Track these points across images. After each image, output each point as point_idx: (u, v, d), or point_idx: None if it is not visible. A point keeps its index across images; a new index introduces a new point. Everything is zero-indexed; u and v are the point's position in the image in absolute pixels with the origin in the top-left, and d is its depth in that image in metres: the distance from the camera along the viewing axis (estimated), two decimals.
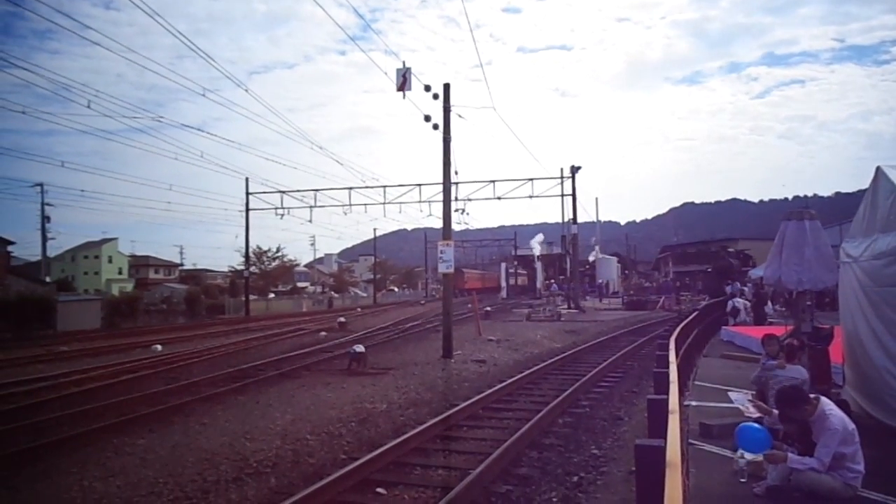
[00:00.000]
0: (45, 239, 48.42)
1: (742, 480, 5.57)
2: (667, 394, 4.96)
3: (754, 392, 7.56)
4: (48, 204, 47.32)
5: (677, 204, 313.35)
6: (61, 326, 32.91)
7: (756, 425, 5.75)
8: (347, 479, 6.98)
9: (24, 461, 8.31)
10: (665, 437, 3.58)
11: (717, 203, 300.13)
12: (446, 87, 19.33)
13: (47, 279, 49.36)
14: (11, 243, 51.87)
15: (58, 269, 69.78)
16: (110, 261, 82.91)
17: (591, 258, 68.07)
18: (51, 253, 54.28)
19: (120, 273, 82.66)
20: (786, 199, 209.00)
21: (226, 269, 77.41)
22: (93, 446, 9.15)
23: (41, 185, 46.75)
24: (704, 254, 57.75)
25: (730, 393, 7.46)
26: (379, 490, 7.00)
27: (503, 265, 70.64)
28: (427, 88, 18.36)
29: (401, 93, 17.57)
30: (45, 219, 47.64)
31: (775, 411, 5.86)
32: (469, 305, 36.62)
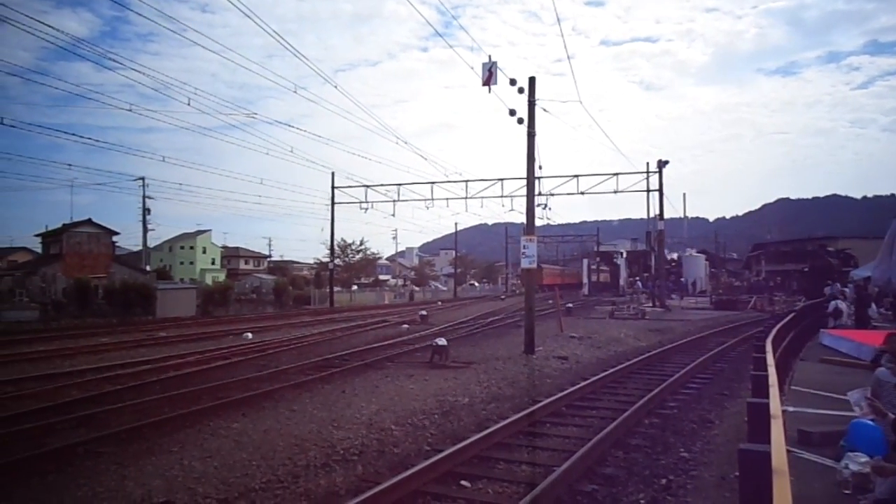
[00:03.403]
0: (145, 230, 51.16)
1: (847, 492, 5.25)
2: (767, 397, 4.74)
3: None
4: (149, 197, 49.97)
5: (771, 200, 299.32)
6: (160, 313, 34.85)
7: (872, 423, 5.41)
8: (432, 471, 7.05)
9: (131, 439, 8.85)
10: (767, 443, 3.43)
11: (815, 199, 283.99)
12: (531, 80, 19.13)
13: (147, 268, 52.30)
14: (116, 234, 55.38)
15: (156, 259, 73.82)
16: (204, 251, 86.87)
17: (675, 255, 66.05)
18: (150, 243, 57.31)
19: (213, 263, 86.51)
20: (892, 194, 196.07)
21: (311, 261, 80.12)
22: (191, 428, 9.63)
23: (143, 178, 49.43)
24: (801, 252, 55.03)
25: (849, 393, 7.01)
26: (463, 483, 7.04)
27: (585, 261, 69.48)
28: (512, 82, 18.23)
29: (486, 87, 17.55)
30: (146, 211, 50.35)
31: (891, 415, 5.49)
32: (550, 301, 36.27)
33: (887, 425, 5.47)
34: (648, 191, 40.33)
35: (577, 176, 36.67)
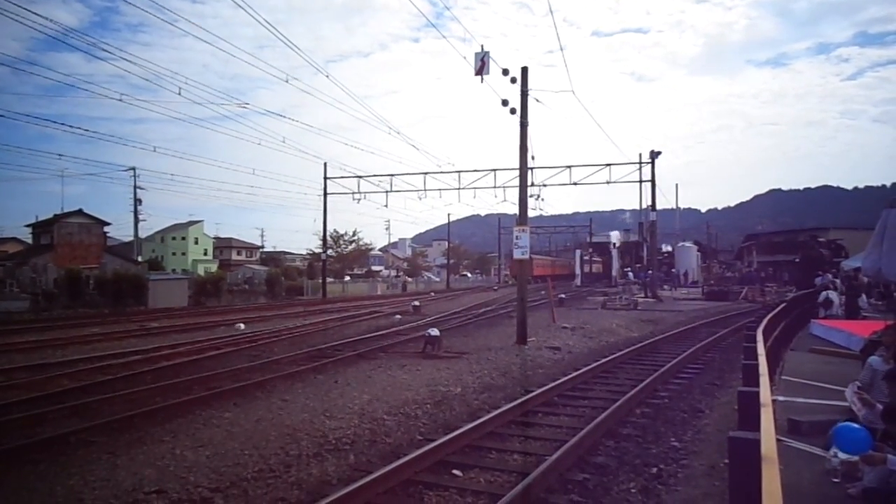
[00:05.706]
0: (136, 220, 51.06)
1: (835, 480, 5.28)
2: (757, 386, 4.76)
3: (860, 385, 7.13)
4: (140, 187, 49.85)
5: (763, 191, 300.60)
6: (152, 303, 34.74)
7: (856, 425, 5.44)
8: (424, 460, 7.06)
9: (123, 428, 8.83)
10: (757, 431, 3.45)
11: (807, 190, 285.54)
12: (524, 70, 19.08)
13: (139, 258, 52.16)
14: (107, 224, 55.12)
15: (148, 250, 73.61)
16: (196, 242, 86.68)
17: (666, 248, 66.19)
18: (142, 234, 57.19)
19: (205, 254, 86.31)
20: (883, 185, 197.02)
21: (304, 252, 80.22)
22: (183, 417, 9.61)
23: (134, 169, 49.31)
24: (792, 243, 55.13)
25: (846, 390, 7.04)
26: (455, 472, 7.06)
27: (578, 252, 69.60)
28: (505, 72, 18.16)
29: (478, 77, 17.49)
30: (138, 201, 50.13)
31: (879, 406, 5.53)
32: (542, 292, 36.32)
33: (875, 415, 5.51)
34: (641, 181, 40.42)
35: (569, 166, 36.63)
